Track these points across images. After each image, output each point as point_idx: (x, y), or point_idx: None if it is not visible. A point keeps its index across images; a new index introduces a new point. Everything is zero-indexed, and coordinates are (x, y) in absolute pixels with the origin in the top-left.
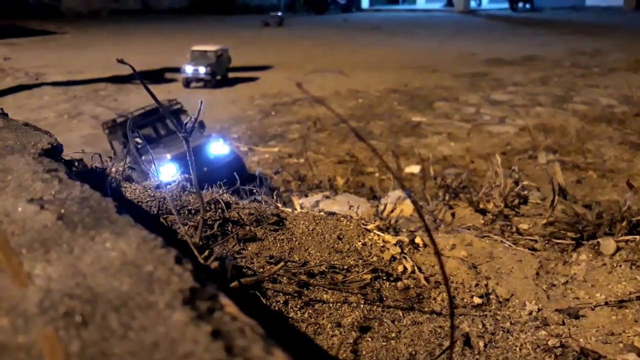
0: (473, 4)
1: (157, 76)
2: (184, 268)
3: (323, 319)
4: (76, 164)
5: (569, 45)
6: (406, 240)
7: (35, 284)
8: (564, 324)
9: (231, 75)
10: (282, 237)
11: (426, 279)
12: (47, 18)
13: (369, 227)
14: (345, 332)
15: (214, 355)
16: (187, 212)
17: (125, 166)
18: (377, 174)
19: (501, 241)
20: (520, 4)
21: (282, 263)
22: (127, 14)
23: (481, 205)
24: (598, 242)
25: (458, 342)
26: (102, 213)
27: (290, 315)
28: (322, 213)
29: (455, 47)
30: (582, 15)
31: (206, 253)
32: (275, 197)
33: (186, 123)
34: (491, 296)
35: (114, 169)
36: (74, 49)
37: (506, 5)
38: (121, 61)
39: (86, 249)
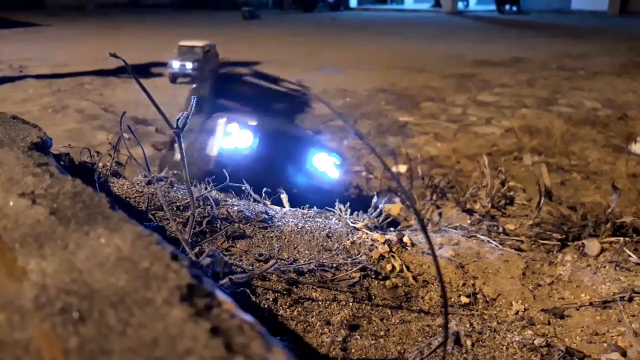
0: (460, 5)
1: (143, 71)
2: (181, 264)
3: (312, 316)
4: (63, 158)
5: (555, 47)
6: (394, 239)
7: (30, 279)
8: (549, 323)
9: None
10: (271, 235)
11: (414, 277)
12: (31, 10)
13: (358, 225)
14: (334, 330)
15: (214, 352)
16: (175, 209)
17: (113, 162)
18: (363, 173)
19: (488, 241)
20: (507, 6)
21: (273, 261)
22: (113, 7)
23: (468, 206)
24: (583, 243)
25: (448, 340)
26: (95, 208)
27: (279, 313)
28: (311, 211)
29: (443, 47)
30: (567, 18)
31: (197, 250)
32: (264, 195)
33: (178, 118)
34: (478, 296)
35: (101, 164)
36: (58, 42)
37: (493, 7)
38: (114, 55)
39: (81, 245)
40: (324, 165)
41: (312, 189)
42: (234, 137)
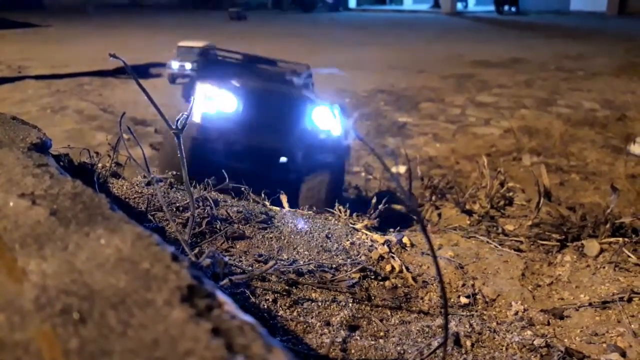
0: (459, 6)
1: (143, 71)
2: (181, 265)
3: (312, 317)
4: (62, 158)
5: (553, 48)
6: (394, 239)
7: (30, 280)
8: (549, 324)
9: None
10: (271, 236)
11: (414, 278)
12: (30, 10)
13: (357, 226)
14: (334, 331)
15: (215, 353)
16: (175, 210)
17: (112, 162)
18: (363, 174)
19: (487, 242)
20: (506, 7)
21: (273, 261)
22: (113, 7)
23: (467, 206)
24: (582, 243)
25: (448, 341)
26: (95, 209)
27: (279, 314)
28: (310, 212)
29: (442, 48)
30: (566, 19)
31: (196, 250)
32: (263, 196)
33: (178, 119)
34: (478, 296)
35: (100, 165)
36: (58, 43)
37: (492, 7)
38: (113, 56)
39: (81, 245)
40: (324, 120)
41: (313, 149)
42: (216, 101)
